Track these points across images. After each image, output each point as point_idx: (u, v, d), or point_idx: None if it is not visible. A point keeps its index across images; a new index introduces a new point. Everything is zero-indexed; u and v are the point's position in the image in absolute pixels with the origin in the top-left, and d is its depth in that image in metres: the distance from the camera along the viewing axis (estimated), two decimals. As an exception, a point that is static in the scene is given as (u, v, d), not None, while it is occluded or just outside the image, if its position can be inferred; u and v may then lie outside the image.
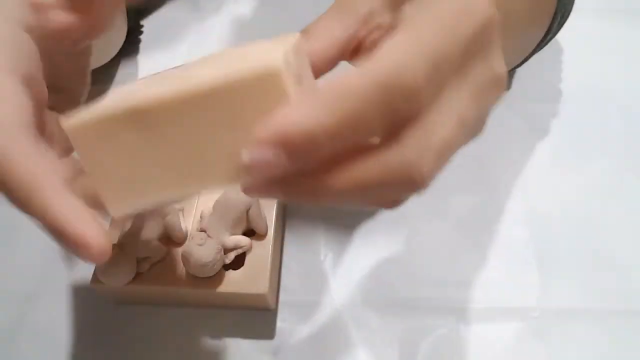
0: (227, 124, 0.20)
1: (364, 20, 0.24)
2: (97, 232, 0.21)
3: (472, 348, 0.36)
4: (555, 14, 0.40)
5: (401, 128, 0.19)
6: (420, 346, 0.36)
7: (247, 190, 0.20)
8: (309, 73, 0.23)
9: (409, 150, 0.19)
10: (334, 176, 0.19)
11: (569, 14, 0.43)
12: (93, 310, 0.38)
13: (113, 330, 0.38)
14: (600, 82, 0.50)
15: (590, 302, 0.38)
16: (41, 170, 0.22)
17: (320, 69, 0.24)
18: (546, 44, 0.44)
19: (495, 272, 0.39)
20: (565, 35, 0.54)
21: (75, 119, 0.21)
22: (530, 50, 0.43)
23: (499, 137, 0.47)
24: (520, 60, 0.45)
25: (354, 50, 0.25)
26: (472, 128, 0.21)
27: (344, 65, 0.25)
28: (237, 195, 0.37)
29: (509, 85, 0.49)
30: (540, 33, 0.41)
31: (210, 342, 0.37)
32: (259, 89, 0.19)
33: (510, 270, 0.39)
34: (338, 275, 0.39)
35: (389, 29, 0.24)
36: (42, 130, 0.25)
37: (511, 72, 0.49)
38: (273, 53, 0.19)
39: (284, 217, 0.42)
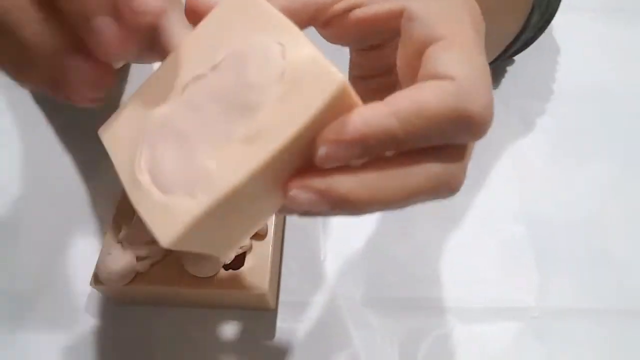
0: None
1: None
2: None
3: (472, 348, 0.36)
4: (533, 8, 0.40)
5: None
6: (420, 346, 0.36)
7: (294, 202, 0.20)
8: None
9: (458, 168, 0.22)
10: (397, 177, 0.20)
11: (554, 10, 0.43)
12: (93, 310, 0.38)
13: (113, 330, 0.38)
14: (598, 81, 0.50)
15: (590, 302, 0.38)
16: None
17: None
18: (533, 39, 0.44)
19: (494, 272, 0.39)
20: (563, 34, 0.54)
21: (112, 129, 0.22)
22: (506, 43, 0.43)
23: (498, 136, 0.47)
24: (498, 54, 0.45)
25: (326, 21, 0.24)
26: None
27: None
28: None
29: (497, 84, 0.49)
30: (514, 26, 0.41)
31: (210, 342, 0.37)
32: (332, 109, 0.19)
33: (510, 270, 0.39)
34: (338, 275, 0.39)
35: (374, 16, 0.23)
36: None
37: (500, 70, 0.49)
38: (324, 67, 0.19)
39: (284, 217, 0.42)
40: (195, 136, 0.21)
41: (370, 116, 0.19)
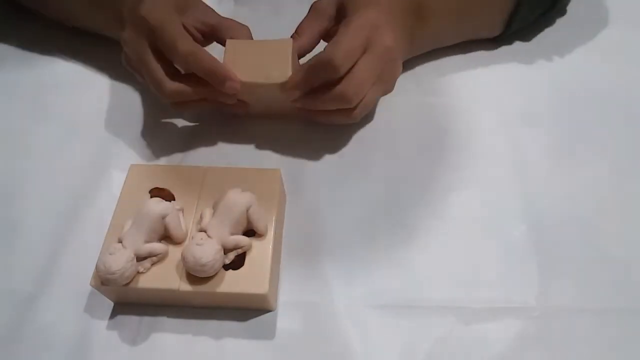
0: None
1: (329, 22, 0.45)
2: (233, 74, 0.41)
3: (472, 348, 0.36)
4: None
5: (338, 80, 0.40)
6: (420, 346, 0.36)
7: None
8: (295, 59, 0.43)
9: (343, 87, 0.40)
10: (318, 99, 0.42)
11: None
12: (93, 310, 0.38)
13: (113, 330, 0.38)
14: (598, 82, 0.50)
15: (590, 301, 0.38)
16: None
17: (306, 51, 0.45)
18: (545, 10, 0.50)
19: (495, 271, 0.39)
20: (565, 35, 0.54)
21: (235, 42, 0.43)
22: (499, 19, 0.49)
23: (498, 136, 0.47)
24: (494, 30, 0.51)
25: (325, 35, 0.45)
26: (377, 70, 0.41)
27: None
28: (237, 195, 0.37)
29: (538, 32, 0.53)
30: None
31: (210, 342, 0.37)
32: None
33: (510, 270, 0.39)
34: (338, 275, 0.39)
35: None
36: None
37: (550, 20, 0.52)
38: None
39: (284, 217, 0.42)
40: None
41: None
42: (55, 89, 0.51)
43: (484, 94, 0.50)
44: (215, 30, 0.44)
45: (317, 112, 0.43)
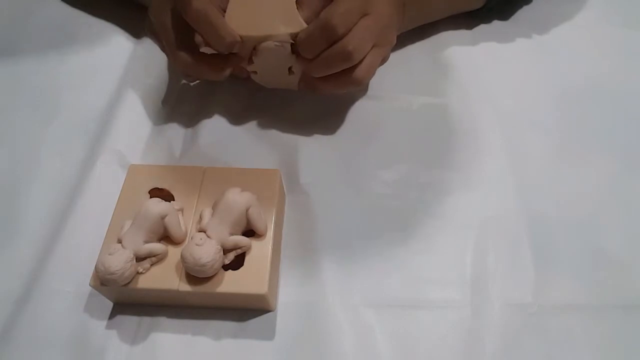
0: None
1: None
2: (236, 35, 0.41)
3: (471, 346, 0.36)
4: None
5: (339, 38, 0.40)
6: (419, 346, 0.36)
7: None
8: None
9: (343, 42, 0.39)
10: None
11: None
12: (92, 311, 0.38)
13: (112, 330, 0.38)
14: (597, 80, 0.50)
15: (587, 298, 0.38)
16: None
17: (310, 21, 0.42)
18: None
19: (492, 269, 0.39)
20: (565, 34, 0.54)
21: None
22: None
23: (497, 135, 0.47)
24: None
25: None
26: (375, 32, 0.41)
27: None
28: (236, 195, 0.37)
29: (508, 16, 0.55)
30: None
31: (210, 343, 0.37)
32: None
33: (507, 268, 0.39)
34: (337, 275, 0.39)
35: None
36: None
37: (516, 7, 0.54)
38: None
39: (283, 217, 0.42)
40: None
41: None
42: (57, 86, 0.51)
43: (479, 91, 0.50)
44: None
45: (321, 81, 0.42)
